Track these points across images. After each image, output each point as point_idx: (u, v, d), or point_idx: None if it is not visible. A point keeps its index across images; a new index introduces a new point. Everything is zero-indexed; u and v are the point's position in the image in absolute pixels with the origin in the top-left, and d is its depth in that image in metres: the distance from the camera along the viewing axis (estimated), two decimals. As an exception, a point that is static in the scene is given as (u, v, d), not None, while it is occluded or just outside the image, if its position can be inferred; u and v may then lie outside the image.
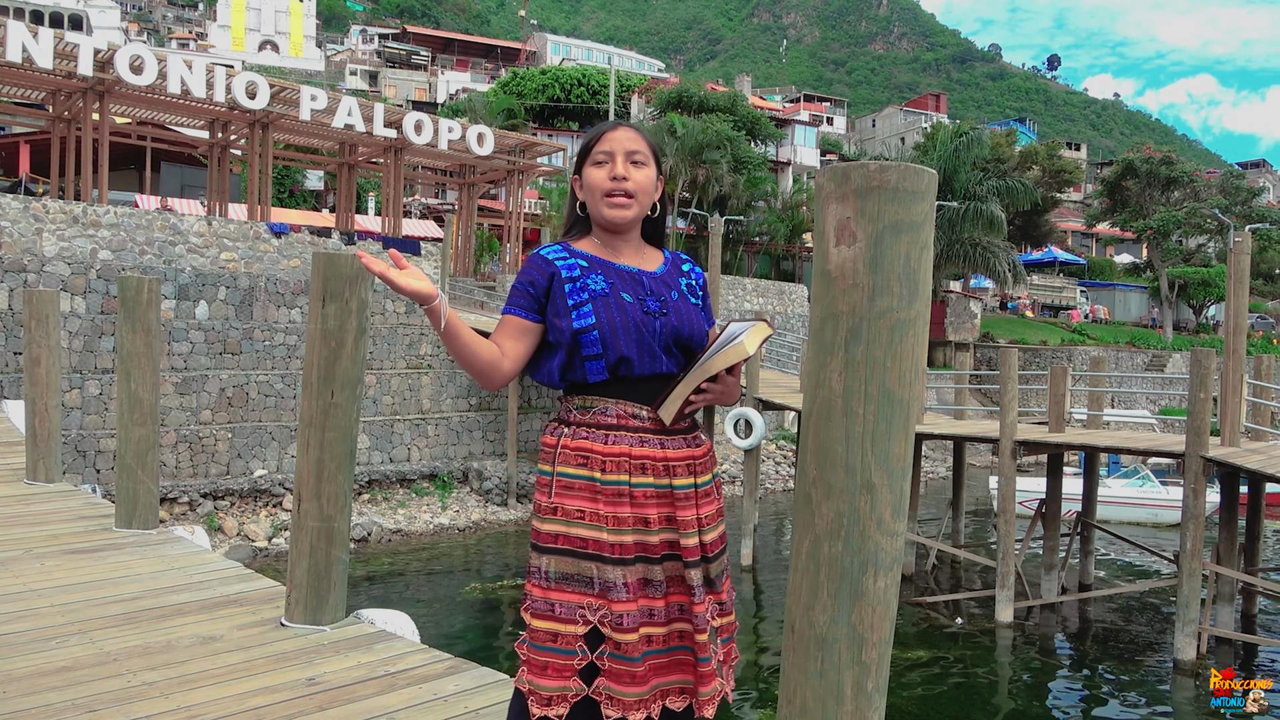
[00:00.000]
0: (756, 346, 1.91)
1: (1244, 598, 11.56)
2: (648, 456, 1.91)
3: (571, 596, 1.86)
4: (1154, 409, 30.37)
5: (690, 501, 1.93)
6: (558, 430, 1.96)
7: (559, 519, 1.88)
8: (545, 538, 1.89)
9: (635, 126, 2.07)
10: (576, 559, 1.86)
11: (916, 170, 1.64)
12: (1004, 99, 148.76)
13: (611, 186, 1.97)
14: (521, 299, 1.95)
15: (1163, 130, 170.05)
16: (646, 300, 1.97)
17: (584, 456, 1.90)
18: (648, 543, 1.89)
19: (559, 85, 42.13)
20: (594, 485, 1.88)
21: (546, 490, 1.91)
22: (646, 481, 1.90)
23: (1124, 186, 42.15)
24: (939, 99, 74.61)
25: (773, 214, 32.40)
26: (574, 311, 1.91)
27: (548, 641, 1.85)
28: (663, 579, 1.90)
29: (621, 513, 1.88)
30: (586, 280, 1.94)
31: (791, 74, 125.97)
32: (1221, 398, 10.62)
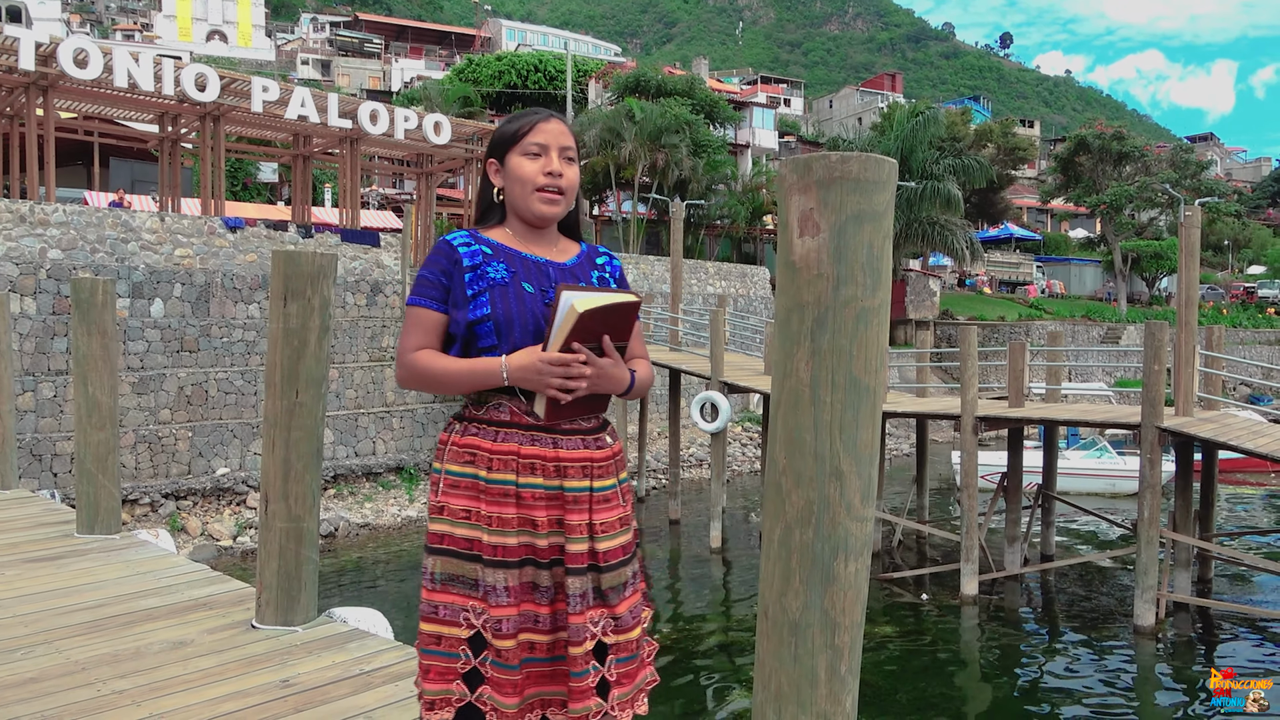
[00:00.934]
0: (589, 306, 1.77)
1: (1199, 563, 11.86)
2: (537, 456, 1.82)
3: (455, 598, 1.79)
4: (1110, 381, 30.96)
5: (582, 506, 1.83)
6: (451, 426, 1.90)
7: (444, 518, 1.82)
8: (432, 538, 1.83)
9: (563, 119, 2.00)
10: (460, 560, 1.80)
11: (877, 160, 1.66)
12: (958, 77, 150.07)
13: (546, 182, 1.90)
14: (435, 290, 1.87)
15: (1113, 106, 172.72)
16: (549, 292, 1.88)
17: (470, 454, 1.82)
18: (535, 545, 1.80)
19: (515, 71, 41.82)
20: (478, 484, 1.81)
21: (435, 488, 1.85)
22: (535, 482, 1.81)
23: (1077, 162, 42.77)
24: (894, 79, 75.08)
25: (733, 197, 32.47)
26: (471, 302, 1.84)
27: (432, 644, 1.80)
28: (550, 585, 1.81)
29: (506, 513, 1.79)
30: (486, 268, 1.86)
31: (748, 56, 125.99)
32: (1175, 369, 10.85)
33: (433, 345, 1.87)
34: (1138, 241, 42.55)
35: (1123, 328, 37.58)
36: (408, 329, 1.88)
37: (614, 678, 1.84)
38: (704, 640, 10.01)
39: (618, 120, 27.95)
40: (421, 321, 1.86)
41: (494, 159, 1.96)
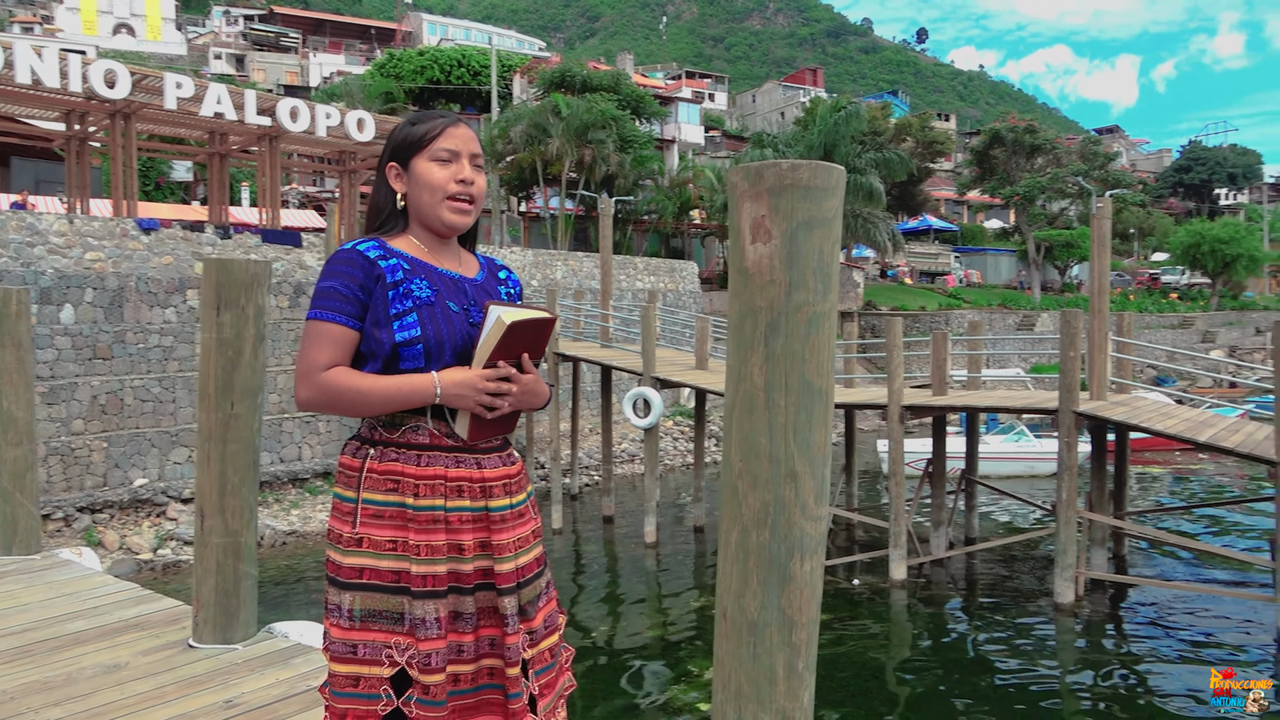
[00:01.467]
0: (518, 318, 1.75)
1: (1114, 540, 12.36)
2: (464, 478, 1.76)
3: (377, 635, 1.70)
4: (1025, 367, 32.01)
5: (507, 524, 1.79)
6: (361, 451, 1.77)
7: (365, 551, 1.71)
8: (348, 572, 1.71)
9: (468, 124, 1.94)
10: (385, 594, 1.70)
11: (826, 168, 1.70)
12: (877, 72, 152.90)
13: (458, 190, 1.82)
14: (349, 305, 1.74)
15: (1024, 99, 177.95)
16: (471, 310, 1.82)
17: (394, 481, 1.73)
18: (461, 571, 1.73)
19: (438, 66, 41.22)
20: (405, 512, 1.71)
21: (350, 519, 1.73)
22: (463, 505, 1.74)
23: (991, 155, 44.06)
24: (816, 73, 76.18)
25: (660, 192, 32.59)
26: (396, 321, 1.73)
27: (348, 686, 1.70)
28: (474, 611, 1.75)
29: (435, 540, 1.71)
30: (409, 285, 1.76)
31: (672, 50, 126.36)
32: (1089, 355, 11.27)
33: (344, 363, 1.75)
34: (1050, 231, 44.05)
35: (1037, 315, 38.87)
36: (314, 344, 1.73)
37: (537, 690, 1.80)
38: (642, 635, 10.07)
39: (544, 116, 27.79)
40: (332, 337, 1.73)
41: (395, 162, 1.85)
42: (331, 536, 1.77)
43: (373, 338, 1.74)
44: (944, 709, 8.07)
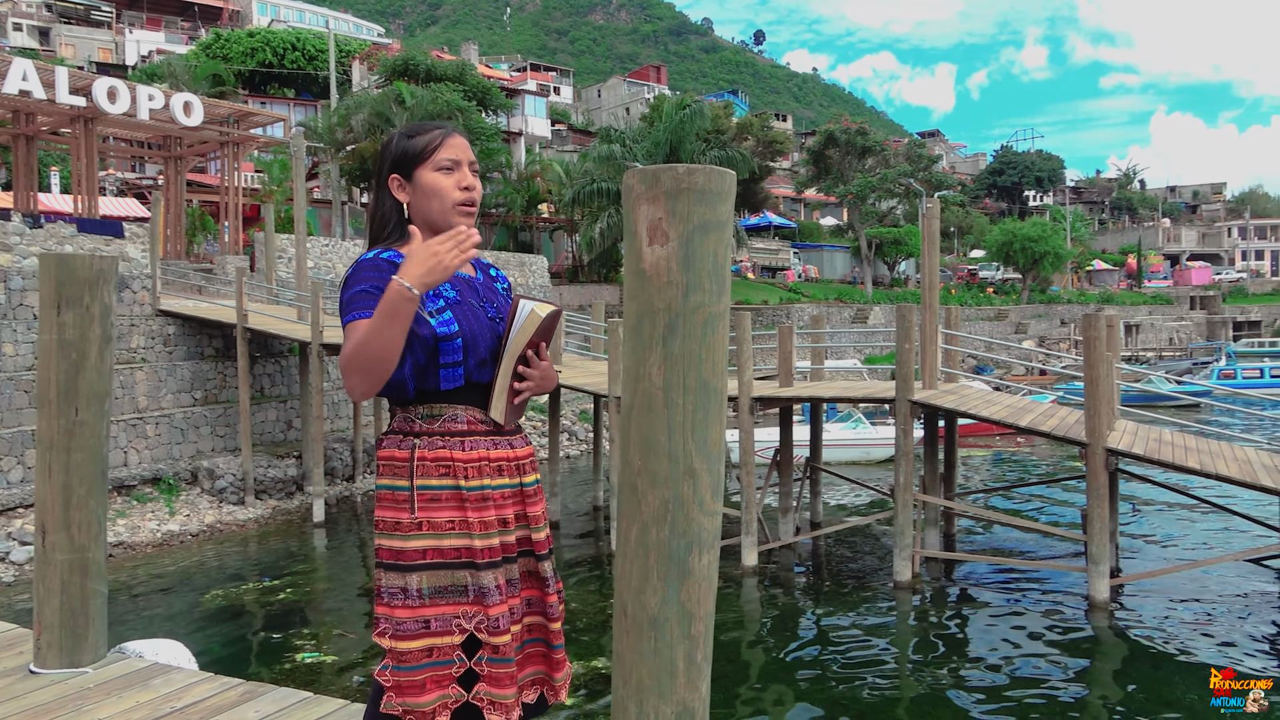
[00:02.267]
0: (547, 311, 1.94)
1: (945, 520, 13.20)
2: (503, 458, 1.94)
3: (447, 608, 1.85)
4: (860, 358, 33.67)
5: (537, 497, 2.01)
6: (406, 443, 1.90)
7: (426, 533, 1.86)
8: (412, 555, 1.85)
9: (464, 132, 2.06)
10: (450, 570, 1.86)
11: (720, 173, 1.75)
12: (717, 71, 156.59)
13: (464, 197, 1.95)
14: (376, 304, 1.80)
15: (854, 102, 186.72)
16: (486, 307, 1.98)
17: (445, 466, 1.88)
18: (507, 542, 1.93)
19: (270, 49, 39.27)
20: (459, 494, 1.87)
21: (407, 506, 1.87)
22: (504, 482, 1.93)
23: (826, 155, 46.01)
24: (660, 70, 77.29)
25: (508, 185, 32.24)
26: (434, 318, 1.87)
27: (423, 659, 1.84)
28: (518, 576, 1.95)
29: (487, 516, 1.89)
30: (439, 287, 1.89)
31: (516, 42, 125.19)
32: (921, 347, 11.97)
33: None
34: (880, 229, 46.45)
35: (870, 308, 40.93)
36: (352, 340, 1.79)
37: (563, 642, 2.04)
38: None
39: (386, 105, 26.96)
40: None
41: (398, 174, 1.97)
42: (385, 526, 1.88)
43: (413, 334, 1.83)
44: (797, 689, 8.41)
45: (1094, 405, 9.78)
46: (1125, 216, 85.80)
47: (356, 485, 17.38)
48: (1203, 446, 10.82)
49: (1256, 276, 73.19)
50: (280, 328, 16.32)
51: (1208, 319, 58.45)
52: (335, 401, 18.96)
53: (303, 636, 9.68)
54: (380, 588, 1.88)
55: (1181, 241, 76.96)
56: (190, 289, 19.02)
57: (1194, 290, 64.15)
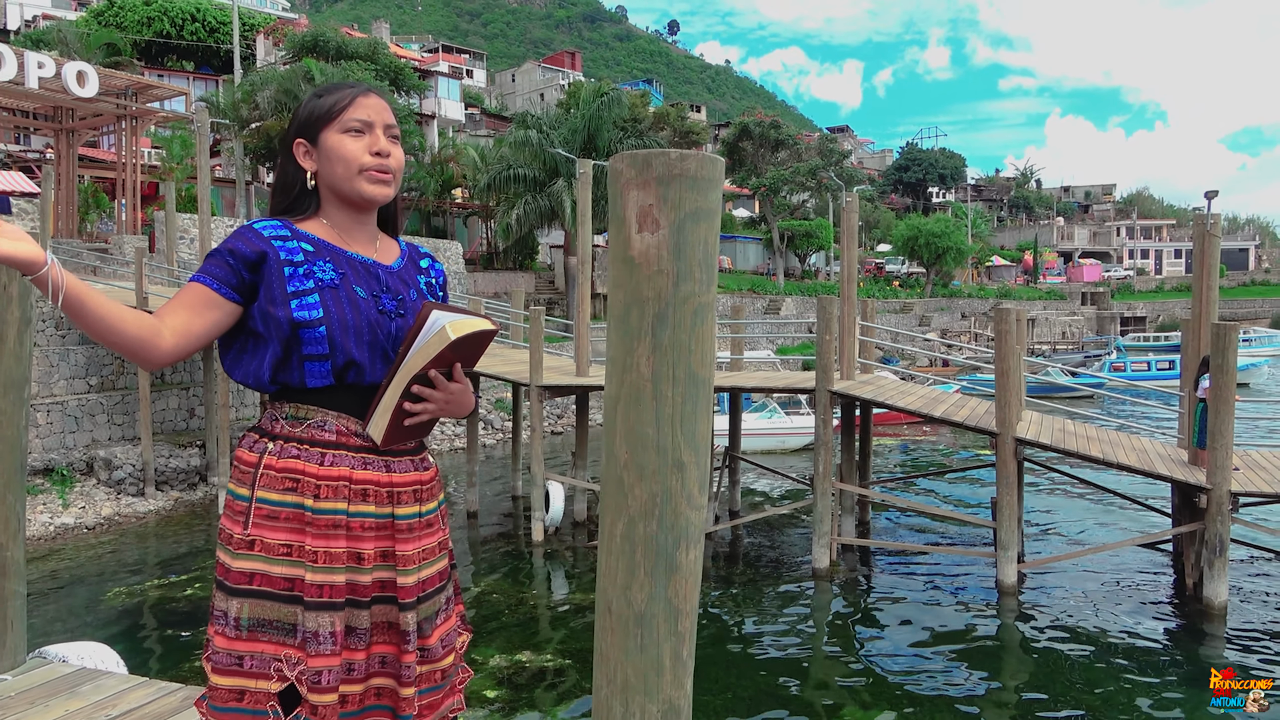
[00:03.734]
0: (464, 333, 1.65)
1: (859, 507, 13.50)
2: (371, 481, 1.65)
3: (266, 647, 1.57)
4: (773, 348, 34.19)
5: (414, 534, 1.69)
6: (258, 445, 1.65)
7: (256, 554, 1.59)
8: (237, 577, 1.59)
9: (382, 93, 1.82)
10: (276, 602, 1.58)
11: (712, 159, 1.71)
12: (631, 60, 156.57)
13: (374, 163, 1.70)
14: (217, 268, 1.61)
15: (766, 96, 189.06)
16: (382, 297, 1.71)
17: (293, 479, 1.61)
18: (359, 583, 1.62)
19: (168, 19, 37.55)
20: (303, 514, 1.60)
21: (242, 519, 1.61)
22: (367, 510, 1.64)
23: (740, 147, 46.49)
24: (574, 57, 76.78)
25: (422, 169, 31.59)
26: (294, 300, 1.61)
27: (231, 701, 1.57)
28: (368, 626, 1.64)
29: (335, 547, 1.60)
30: (312, 267, 1.65)
31: (427, 22, 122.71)
32: (840, 338, 12.18)
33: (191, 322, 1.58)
34: (792, 221, 47.16)
35: (782, 300, 41.56)
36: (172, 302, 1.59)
37: (416, 711, 1.70)
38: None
39: (295, 82, 26.04)
40: (185, 292, 1.60)
41: (303, 139, 1.72)
42: (222, 537, 1.64)
43: (269, 316, 1.61)
44: (718, 678, 8.48)
45: (1004, 396, 10.11)
46: (1022, 214, 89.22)
47: (264, 475, 16.83)
48: (1103, 436, 11.33)
49: (1142, 274, 77.20)
50: (183, 312, 15.64)
51: (1098, 314, 61.29)
52: (239, 389, 18.31)
53: (212, 633, 9.31)
54: (212, 604, 1.63)
55: (1074, 240, 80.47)
56: (84, 269, 18.07)
57: (1085, 286, 67.21)
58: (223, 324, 1.63)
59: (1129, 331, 56.30)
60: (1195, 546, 9.71)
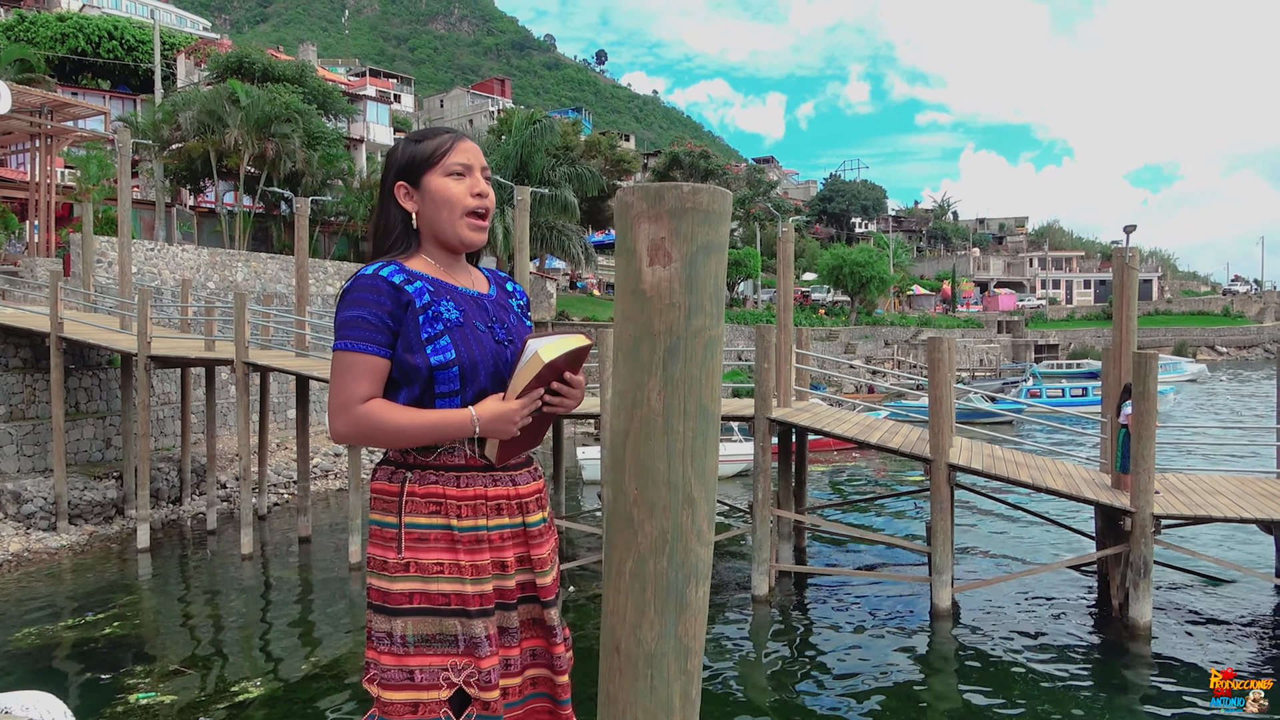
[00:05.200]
0: (557, 354, 1.77)
1: (795, 534, 13.62)
2: (503, 496, 1.79)
3: (434, 659, 1.71)
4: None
5: (543, 538, 1.85)
6: (397, 475, 1.76)
7: (413, 575, 1.71)
8: (398, 598, 1.71)
9: (474, 138, 1.95)
10: (439, 617, 1.71)
11: (723, 193, 1.71)
12: (559, 88, 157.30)
13: (476, 205, 1.83)
14: (380, 334, 1.70)
15: (693, 126, 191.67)
16: (495, 328, 1.84)
17: (436, 503, 1.74)
18: (505, 588, 1.78)
19: (83, 36, 36.41)
20: (450, 534, 1.73)
21: (394, 544, 1.73)
22: (503, 523, 1.79)
23: (671, 176, 47.03)
24: (504, 84, 76.85)
25: (350, 193, 31.10)
26: (429, 345, 1.72)
27: (406, 714, 1.69)
28: (517, 625, 1.80)
29: (481, 560, 1.75)
30: (438, 308, 1.75)
31: (354, 46, 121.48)
32: (777, 366, 12.33)
33: (379, 394, 1.70)
34: (721, 250, 47.63)
35: (712, 327, 41.84)
36: (349, 376, 1.68)
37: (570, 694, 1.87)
38: (348, 667, 9.49)
39: (219, 103, 25.47)
40: (366, 368, 1.69)
41: (405, 181, 1.83)
42: (374, 564, 1.76)
43: (406, 363, 1.72)
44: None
45: (938, 423, 10.34)
46: (941, 245, 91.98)
47: (184, 508, 16.21)
48: (1029, 461, 11.66)
49: (1054, 304, 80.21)
50: (101, 337, 15.03)
51: (1013, 342, 63.33)
52: (160, 418, 17.65)
53: (135, 675, 8.87)
54: (370, 630, 1.75)
55: (990, 270, 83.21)
56: (-9, 293, 17.26)
57: (1001, 315, 69.46)
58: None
59: (1043, 358, 58.29)
60: (1120, 568, 10.03)
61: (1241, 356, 72.82)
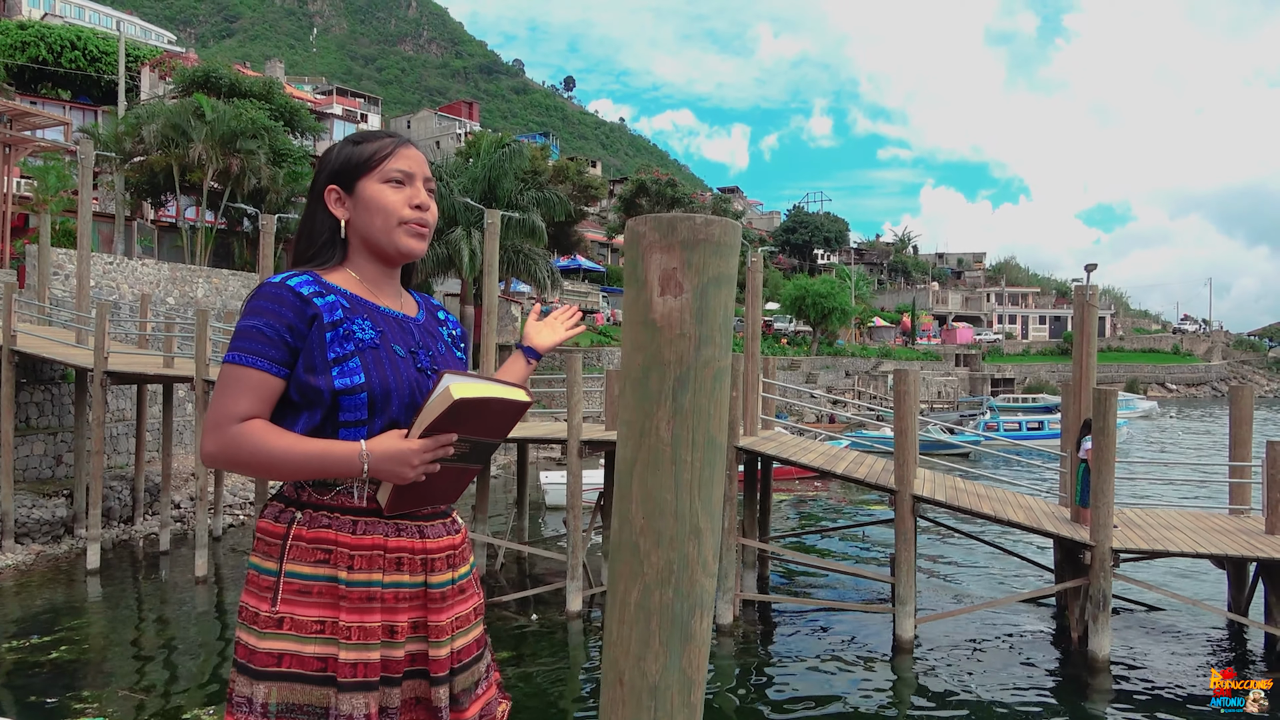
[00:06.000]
0: (470, 395, 1.55)
1: (760, 562, 13.62)
2: (405, 549, 1.56)
3: None
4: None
5: (447, 602, 1.62)
6: (285, 514, 1.56)
7: (286, 633, 1.49)
8: (264, 658, 1.49)
9: (419, 145, 1.78)
10: (308, 684, 1.48)
11: (734, 226, 1.72)
12: (527, 113, 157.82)
13: (414, 215, 1.65)
14: (273, 349, 1.51)
15: (659, 154, 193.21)
16: (419, 354, 1.65)
17: (325, 550, 1.52)
18: (392, 658, 1.54)
19: (45, 45, 35.87)
20: (337, 588, 1.51)
21: (269, 595, 1.51)
22: (401, 580, 1.55)
23: (638, 203, 47.31)
24: (472, 107, 76.91)
25: (314, 211, 30.77)
26: (336, 367, 1.53)
27: None
28: (398, 704, 1.55)
29: (369, 622, 1.51)
30: (351, 326, 1.56)
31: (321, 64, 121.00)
32: (744, 394, 12.39)
33: (264, 414, 1.51)
34: (686, 278, 47.86)
35: (676, 354, 42.02)
36: (230, 391, 1.50)
37: None
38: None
39: (184, 117, 25.17)
40: (252, 385, 1.50)
41: (337, 186, 1.65)
42: (245, 616, 1.53)
43: (307, 385, 1.53)
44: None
45: (903, 454, 10.44)
46: (901, 278, 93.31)
47: (136, 528, 15.82)
48: (991, 494, 11.80)
49: (1010, 338, 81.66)
50: (56, 351, 14.71)
51: (970, 375, 64.28)
52: (114, 435, 17.26)
53: (82, 700, 8.60)
54: (231, 691, 1.52)
55: (948, 304, 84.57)
56: (-59, 304, 16.78)
57: (959, 348, 70.54)
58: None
59: (999, 392, 59.20)
60: (1080, 601, 10.15)
61: (1190, 394, 74.66)
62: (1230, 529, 10.47)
